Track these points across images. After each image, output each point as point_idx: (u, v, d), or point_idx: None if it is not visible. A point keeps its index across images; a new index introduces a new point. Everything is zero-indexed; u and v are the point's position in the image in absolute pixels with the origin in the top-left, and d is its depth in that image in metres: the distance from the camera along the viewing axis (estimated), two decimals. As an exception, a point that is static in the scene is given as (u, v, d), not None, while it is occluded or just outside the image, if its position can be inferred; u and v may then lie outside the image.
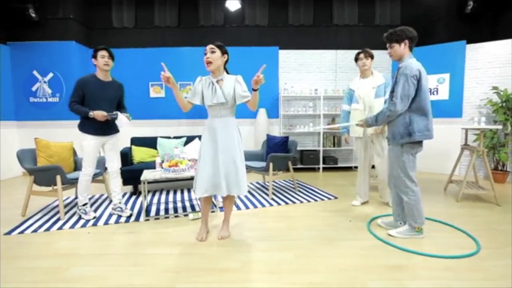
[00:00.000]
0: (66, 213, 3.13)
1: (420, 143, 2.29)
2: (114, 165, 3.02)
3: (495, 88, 4.55)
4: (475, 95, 4.89)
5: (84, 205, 2.94)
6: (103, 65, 2.76)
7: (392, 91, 2.30)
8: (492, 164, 4.64)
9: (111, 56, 2.81)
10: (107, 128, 2.89)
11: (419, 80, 2.19)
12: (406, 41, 2.27)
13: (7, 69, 5.17)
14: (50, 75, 5.25)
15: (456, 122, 4.97)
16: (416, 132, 2.21)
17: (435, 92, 5.14)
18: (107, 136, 2.92)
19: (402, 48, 2.29)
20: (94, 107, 2.77)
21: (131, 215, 3.01)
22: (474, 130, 4.20)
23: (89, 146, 2.81)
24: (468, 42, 4.91)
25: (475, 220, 2.84)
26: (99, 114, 2.73)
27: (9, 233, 2.60)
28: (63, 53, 5.18)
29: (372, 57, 3.12)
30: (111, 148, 2.98)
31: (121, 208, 3.05)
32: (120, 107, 3.05)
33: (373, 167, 3.39)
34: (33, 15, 4.92)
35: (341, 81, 5.76)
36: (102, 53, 2.75)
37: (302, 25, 5.75)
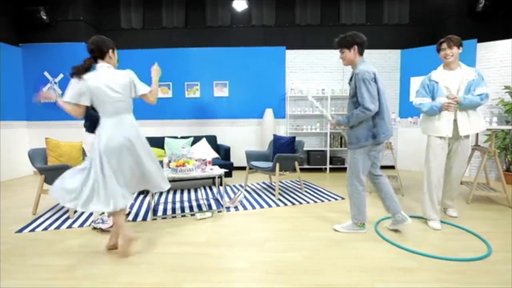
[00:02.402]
0: (75, 212, 3.17)
1: (380, 143, 2.36)
2: None
3: (507, 87, 4.45)
4: (486, 95, 4.79)
5: (101, 214, 2.75)
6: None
7: (353, 96, 2.35)
8: (504, 165, 4.54)
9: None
10: None
11: (375, 81, 2.27)
12: (355, 46, 2.33)
13: (19, 70, 5.28)
14: (61, 76, 5.34)
15: (466, 122, 4.87)
16: (380, 134, 2.31)
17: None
18: None
19: (352, 53, 2.36)
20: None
21: (129, 212, 2.93)
22: (486, 130, 4.11)
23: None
24: (479, 41, 4.81)
25: (486, 222, 2.78)
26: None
27: (20, 231, 2.66)
28: (73, 55, 5.25)
29: (459, 45, 2.61)
30: None
31: (102, 220, 2.70)
32: None
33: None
34: (44, 17, 5.02)
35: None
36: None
37: (309, 25, 5.72)
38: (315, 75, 5.73)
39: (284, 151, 3.94)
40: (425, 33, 5.67)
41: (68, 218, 2.98)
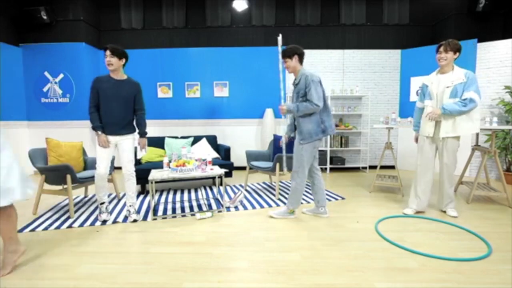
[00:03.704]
0: (75, 211, 3.18)
1: (320, 139, 2.76)
2: (127, 167, 2.90)
3: (507, 87, 4.45)
4: (486, 95, 4.79)
5: (101, 204, 2.92)
6: (107, 65, 2.73)
7: (304, 95, 2.69)
8: (504, 165, 4.54)
9: (115, 54, 2.69)
10: (118, 128, 2.83)
11: (321, 86, 2.68)
12: (296, 56, 2.77)
13: (19, 70, 5.28)
14: (61, 76, 5.34)
15: (466, 122, 4.87)
16: (328, 128, 2.71)
17: (445, 92, 5.06)
18: (119, 136, 2.85)
19: (293, 62, 2.79)
20: (107, 105, 2.76)
21: (135, 220, 2.88)
22: (486, 130, 4.12)
23: (101, 145, 2.78)
24: (479, 41, 4.81)
25: (486, 222, 2.78)
26: (101, 140, 2.75)
27: (20, 230, 2.65)
28: (74, 54, 5.27)
29: (455, 50, 2.71)
30: (123, 149, 2.89)
31: (129, 211, 2.94)
32: (136, 109, 2.95)
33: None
34: (45, 17, 5.02)
35: (349, 81, 5.71)
36: (106, 53, 2.72)
37: (309, 25, 5.72)
38: (315, 75, 5.72)
39: (284, 151, 3.93)
40: (425, 33, 5.68)
41: (68, 218, 2.98)
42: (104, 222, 2.87)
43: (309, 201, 3.52)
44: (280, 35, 2.97)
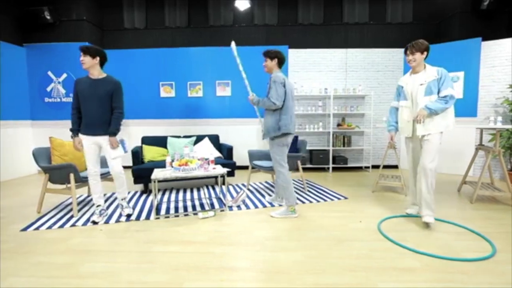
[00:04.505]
0: (79, 210, 3.20)
1: (286, 135, 2.90)
2: (112, 167, 2.90)
3: (512, 86, 4.42)
4: (491, 94, 4.75)
5: (97, 206, 2.94)
6: (81, 64, 2.77)
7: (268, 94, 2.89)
8: (508, 165, 4.50)
9: (87, 53, 2.72)
10: (96, 128, 2.80)
11: (284, 86, 2.83)
12: (276, 59, 2.97)
13: (23, 70, 5.32)
14: (64, 75, 5.37)
15: (470, 122, 4.84)
16: (282, 127, 2.85)
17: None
18: (98, 137, 2.81)
19: (272, 63, 2.98)
20: (85, 106, 2.77)
21: (130, 214, 2.93)
22: (490, 130, 4.09)
23: (84, 145, 2.84)
24: (484, 39, 4.77)
25: (490, 222, 2.76)
26: (74, 143, 2.83)
27: (25, 229, 2.68)
28: (77, 54, 5.24)
29: (422, 50, 2.76)
30: (105, 150, 2.87)
31: (122, 205, 3.02)
32: (113, 107, 2.83)
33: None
34: (48, 17, 5.06)
35: (351, 80, 5.69)
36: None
37: (312, 24, 5.70)
38: (318, 74, 5.72)
39: (286, 150, 3.93)
40: (429, 32, 5.64)
41: (72, 216, 3.00)
42: (107, 218, 2.92)
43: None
44: (233, 41, 3.18)
